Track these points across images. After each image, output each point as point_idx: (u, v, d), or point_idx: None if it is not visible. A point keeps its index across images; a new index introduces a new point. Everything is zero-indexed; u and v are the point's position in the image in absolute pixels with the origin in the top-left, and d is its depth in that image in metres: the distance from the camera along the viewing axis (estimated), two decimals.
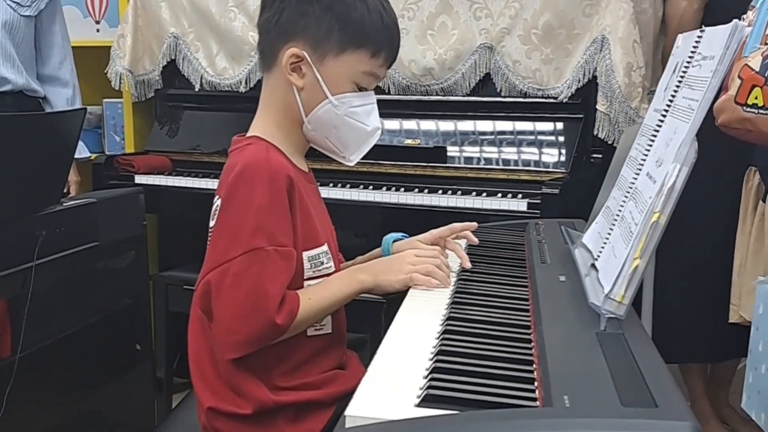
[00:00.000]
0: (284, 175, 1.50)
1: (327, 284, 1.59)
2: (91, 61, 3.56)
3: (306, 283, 1.57)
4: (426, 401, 1.03)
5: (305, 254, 1.56)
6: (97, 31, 3.81)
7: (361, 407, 1.03)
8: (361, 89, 1.59)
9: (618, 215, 1.39)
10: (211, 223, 1.53)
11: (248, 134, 1.62)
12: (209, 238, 1.53)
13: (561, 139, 2.78)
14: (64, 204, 2.30)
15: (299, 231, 1.53)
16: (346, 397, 1.52)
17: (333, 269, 1.62)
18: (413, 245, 1.73)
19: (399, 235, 1.82)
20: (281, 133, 1.60)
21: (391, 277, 1.58)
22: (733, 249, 2.56)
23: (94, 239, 2.38)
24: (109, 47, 3.47)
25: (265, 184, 1.47)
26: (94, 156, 3.40)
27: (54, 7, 3.16)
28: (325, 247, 1.60)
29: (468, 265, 1.65)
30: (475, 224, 1.83)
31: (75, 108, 3.14)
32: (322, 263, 1.59)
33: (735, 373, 3.06)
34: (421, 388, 1.07)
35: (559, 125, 2.79)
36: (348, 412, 1.01)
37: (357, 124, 1.60)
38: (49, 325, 2.27)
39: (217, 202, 1.52)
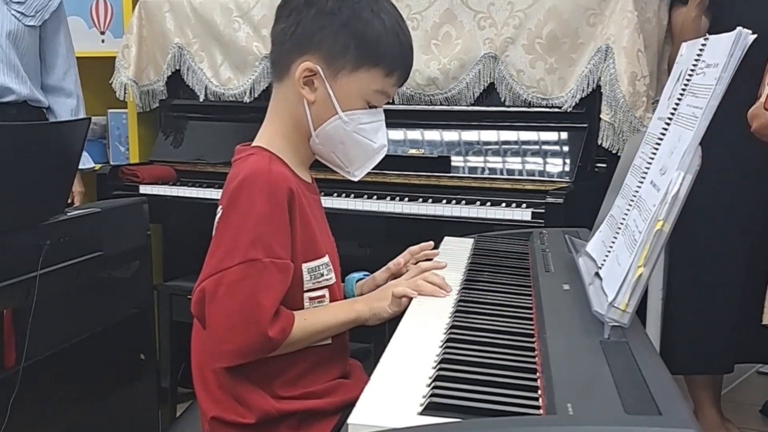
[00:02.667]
0: (285, 186, 1.49)
1: (323, 309, 1.59)
2: (96, 71, 3.57)
3: (306, 295, 1.56)
4: (429, 409, 1.03)
5: (305, 266, 1.55)
6: (102, 41, 3.83)
7: (364, 415, 1.02)
8: (371, 107, 1.59)
9: (622, 224, 1.39)
10: (214, 233, 1.53)
11: (253, 144, 1.61)
12: (210, 247, 1.53)
13: (565, 148, 2.78)
14: (69, 214, 2.31)
15: (299, 243, 1.52)
16: (350, 406, 1.51)
17: (333, 281, 1.62)
18: (375, 282, 1.75)
19: (360, 274, 1.81)
20: (288, 144, 1.60)
21: (384, 302, 1.58)
22: (745, 257, 2.58)
23: (98, 249, 2.38)
24: (114, 58, 3.48)
25: (265, 195, 1.46)
26: (98, 166, 3.40)
27: (59, 17, 3.17)
28: (326, 259, 1.59)
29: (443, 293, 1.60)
30: (431, 243, 1.83)
31: (79, 118, 3.15)
32: (322, 275, 1.58)
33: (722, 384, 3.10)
34: (424, 396, 1.07)
35: (564, 135, 2.79)
36: (351, 420, 1.01)
37: (364, 140, 1.60)
38: (53, 335, 2.27)
39: (219, 211, 1.52)
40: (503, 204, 2.65)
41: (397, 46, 1.56)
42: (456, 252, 1.92)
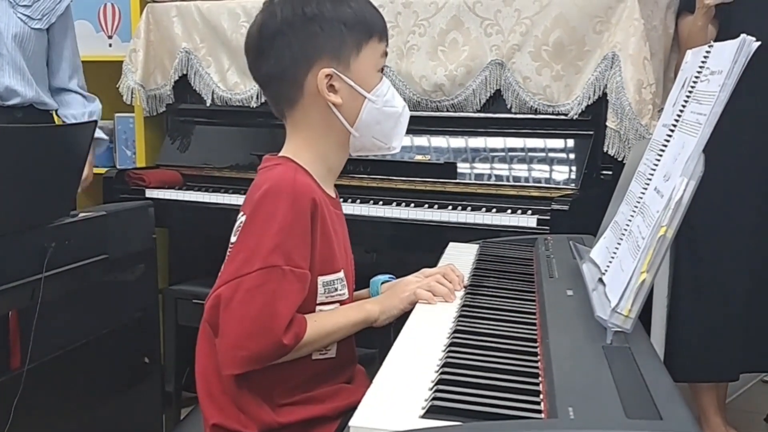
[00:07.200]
0: (309, 198, 1.49)
1: (334, 311, 1.59)
2: (103, 75, 3.58)
3: (318, 308, 1.56)
4: (431, 413, 1.03)
5: (320, 279, 1.55)
6: (110, 45, 3.84)
7: (365, 418, 1.02)
8: (382, 71, 1.64)
9: (626, 230, 1.39)
10: (233, 239, 1.52)
11: (280, 154, 1.62)
12: (228, 254, 1.53)
13: (571, 155, 2.78)
14: (74, 216, 2.31)
15: (317, 255, 1.52)
16: (351, 410, 1.51)
17: (346, 296, 1.62)
18: (401, 286, 1.69)
19: (386, 277, 1.81)
20: (316, 156, 1.61)
21: (395, 300, 1.60)
22: (750, 265, 2.56)
23: (103, 252, 2.39)
24: (121, 62, 3.48)
25: (288, 204, 1.47)
26: (104, 170, 3.41)
27: (66, 21, 3.16)
28: (341, 274, 1.60)
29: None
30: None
31: (85, 121, 3.15)
32: (336, 289, 1.58)
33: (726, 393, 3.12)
34: (426, 400, 1.07)
35: (570, 142, 2.79)
36: (352, 422, 1.01)
37: (391, 110, 1.64)
38: (57, 338, 2.27)
39: (241, 218, 1.51)
40: (509, 210, 2.65)
41: (371, 11, 1.62)
42: (461, 258, 1.93)
